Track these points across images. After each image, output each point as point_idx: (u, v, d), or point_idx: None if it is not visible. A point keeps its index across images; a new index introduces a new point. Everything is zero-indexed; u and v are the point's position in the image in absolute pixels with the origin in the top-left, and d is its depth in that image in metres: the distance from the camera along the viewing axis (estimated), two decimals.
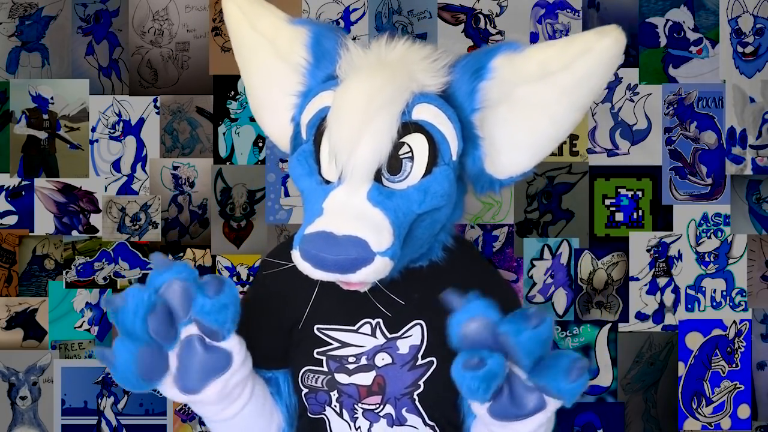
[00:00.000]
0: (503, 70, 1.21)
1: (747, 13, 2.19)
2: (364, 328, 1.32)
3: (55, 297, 2.20)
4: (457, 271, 1.33)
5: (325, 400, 1.34)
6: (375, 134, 1.16)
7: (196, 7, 2.22)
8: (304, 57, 1.30)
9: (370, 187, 1.17)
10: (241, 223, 2.21)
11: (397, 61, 1.23)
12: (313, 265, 1.14)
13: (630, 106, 2.19)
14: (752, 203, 2.20)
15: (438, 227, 1.27)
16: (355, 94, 1.17)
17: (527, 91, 1.21)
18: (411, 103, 1.19)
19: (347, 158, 1.16)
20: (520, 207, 2.19)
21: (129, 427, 2.20)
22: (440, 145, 1.21)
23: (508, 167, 1.27)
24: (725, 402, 2.20)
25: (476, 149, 1.25)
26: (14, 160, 2.21)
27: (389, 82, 1.18)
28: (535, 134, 1.25)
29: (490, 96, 1.23)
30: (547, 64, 1.20)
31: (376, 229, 1.14)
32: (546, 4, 2.18)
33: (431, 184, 1.20)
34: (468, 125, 1.24)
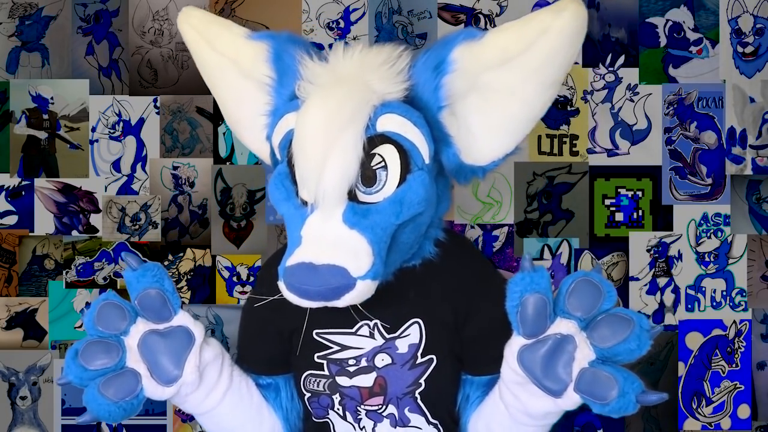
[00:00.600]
0: (464, 60, 1.20)
1: (747, 13, 2.19)
2: (362, 330, 1.32)
3: (55, 297, 2.20)
4: (452, 266, 1.33)
5: (327, 404, 1.34)
6: (340, 157, 1.14)
7: None
8: (267, 74, 1.29)
9: (345, 208, 1.17)
10: (241, 223, 2.21)
11: (353, 74, 1.21)
12: (298, 296, 1.15)
13: (630, 106, 2.19)
14: (752, 203, 2.20)
15: (423, 228, 1.27)
16: (314, 119, 1.15)
17: (492, 77, 1.20)
18: (374, 116, 1.18)
19: (316, 185, 1.15)
20: (520, 207, 2.19)
21: (129, 427, 2.20)
22: (410, 152, 1.20)
23: (488, 153, 1.26)
24: (725, 402, 2.20)
25: (449, 147, 1.24)
26: (14, 160, 2.21)
27: (348, 101, 1.16)
28: (509, 118, 1.23)
29: (455, 88, 1.21)
30: (507, 49, 1.18)
31: (354, 254, 1.14)
32: (546, 4, 2.18)
33: (406, 193, 1.19)
34: (436, 125, 1.23)
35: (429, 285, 1.31)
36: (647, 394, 1.10)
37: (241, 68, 1.33)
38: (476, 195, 2.18)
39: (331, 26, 2.19)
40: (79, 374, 1.19)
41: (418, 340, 1.31)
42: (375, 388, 1.31)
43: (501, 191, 2.18)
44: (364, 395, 1.31)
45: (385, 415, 1.32)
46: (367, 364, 1.31)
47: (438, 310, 1.30)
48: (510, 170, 2.18)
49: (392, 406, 1.32)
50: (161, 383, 1.22)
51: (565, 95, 2.19)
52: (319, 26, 2.19)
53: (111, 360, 1.20)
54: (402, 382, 1.31)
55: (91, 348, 1.20)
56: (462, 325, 1.32)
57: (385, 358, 1.31)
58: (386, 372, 1.31)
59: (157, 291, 1.22)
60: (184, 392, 1.26)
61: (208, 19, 1.37)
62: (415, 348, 1.31)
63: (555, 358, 1.12)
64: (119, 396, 1.18)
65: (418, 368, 1.31)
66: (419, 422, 1.32)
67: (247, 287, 2.19)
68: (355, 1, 2.19)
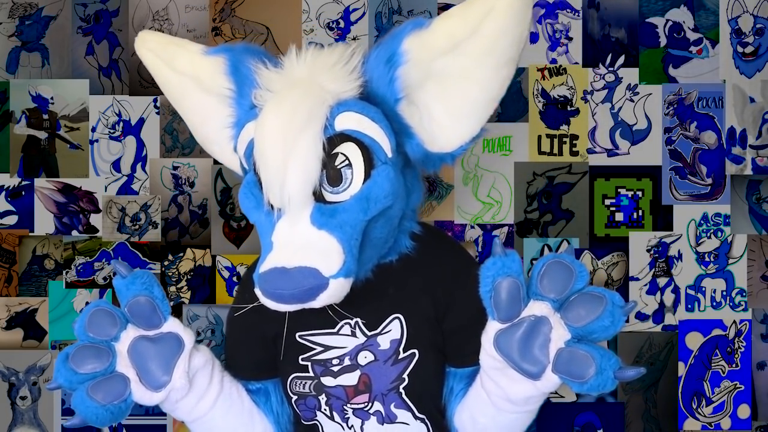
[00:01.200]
0: (415, 50, 1.20)
1: (747, 13, 2.19)
2: (344, 329, 1.32)
3: (55, 297, 2.20)
4: (428, 260, 1.33)
5: (314, 405, 1.34)
6: (300, 160, 1.16)
7: (196, 7, 2.22)
8: (227, 86, 1.31)
9: (312, 210, 1.18)
10: (241, 223, 2.21)
11: (306, 77, 1.22)
12: (274, 300, 1.16)
13: (630, 106, 2.19)
14: (752, 203, 2.20)
15: (395, 222, 1.27)
16: (271, 126, 1.17)
17: (445, 63, 1.20)
18: (331, 116, 1.19)
19: (280, 190, 1.16)
20: (520, 207, 2.19)
21: (129, 427, 2.20)
22: (372, 147, 1.20)
23: (454, 139, 1.26)
24: (725, 402, 2.20)
25: (411, 138, 1.25)
26: (14, 160, 2.21)
27: (302, 104, 1.17)
28: (469, 101, 1.23)
29: (410, 79, 1.22)
30: (454, 35, 1.18)
31: (324, 254, 1.15)
32: (546, 4, 2.18)
33: (371, 189, 1.19)
34: (395, 117, 1.23)
35: (407, 279, 1.32)
36: (624, 369, 1.11)
37: (202, 84, 1.35)
38: (476, 195, 2.18)
39: (331, 26, 2.19)
40: (69, 378, 1.21)
41: (400, 336, 1.31)
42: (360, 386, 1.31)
43: (501, 191, 2.18)
44: (350, 394, 1.32)
45: (372, 413, 1.32)
46: (351, 363, 1.31)
47: (418, 304, 1.31)
48: (510, 170, 2.18)
49: (378, 402, 1.32)
50: (150, 388, 1.23)
51: (565, 95, 2.19)
52: (319, 26, 2.19)
53: (101, 365, 1.22)
54: (386, 378, 1.31)
55: (82, 352, 1.22)
56: (442, 317, 1.33)
57: (368, 356, 1.31)
58: (370, 369, 1.31)
59: (147, 298, 1.24)
60: (174, 398, 1.27)
61: (165, 41, 1.40)
62: (396, 343, 1.31)
63: (531, 340, 1.12)
64: (107, 399, 1.20)
65: (401, 363, 1.31)
66: (406, 417, 1.33)
67: None
68: (355, 1, 2.19)
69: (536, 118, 2.18)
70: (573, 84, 2.18)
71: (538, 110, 2.18)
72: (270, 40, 2.19)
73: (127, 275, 1.25)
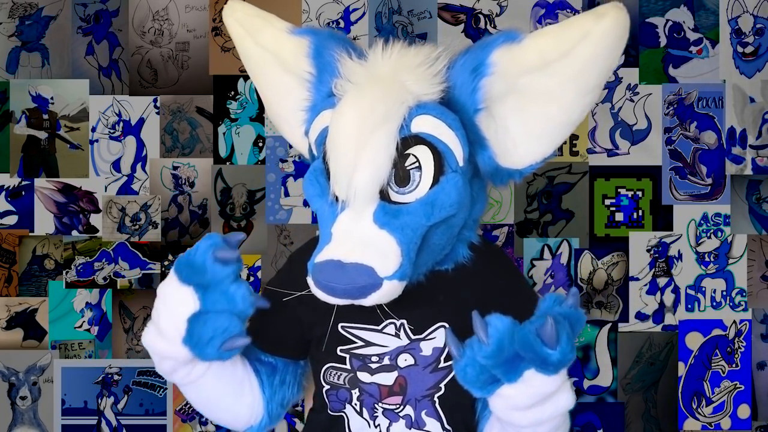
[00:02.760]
0: (503, 63, 1.19)
1: (747, 13, 2.19)
2: (388, 328, 1.31)
3: (55, 297, 2.20)
4: (484, 274, 1.33)
5: (345, 398, 1.34)
6: (371, 157, 1.15)
7: (196, 7, 2.22)
8: (307, 70, 1.30)
9: (376, 207, 1.17)
10: (241, 223, 2.21)
11: (389, 74, 1.21)
12: (325, 293, 1.16)
13: (630, 106, 2.19)
14: (752, 203, 2.20)
15: (456, 230, 1.26)
16: (348, 118, 1.16)
17: (530, 80, 1.19)
18: (408, 117, 1.18)
19: (347, 184, 1.16)
20: (520, 207, 2.19)
21: (129, 427, 2.20)
22: (444, 154, 1.20)
23: (526, 157, 1.25)
24: (725, 402, 2.20)
25: (484, 150, 1.24)
26: (14, 160, 2.21)
27: (382, 101, 1.17)
28: (547, 122, 1.22)
29: (493, 91, 1.21)
30: (546, 54, 1.17)
31: (382, 254, 1.15)
32: (546, 4, 2.18)
33: (438, 195, 1.19)
34: (472, 128, 1.23)
35: (459, 290, 1.31)
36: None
37: (283, 63, 1.34)
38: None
39: (331, 26, 2.19)
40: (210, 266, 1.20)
41: (443, 345, 1.30)
42: (395, 387, 1.31)
43: (501, 191, 2.18)
44: (384, 393, 1.31)
45: (402, 416, 1.32)
46: (390, 363, 1.31)
47: (466, 317, 1.30)
48: None
49: (410, 407, 1.31)
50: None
51: None
52: (319, 26, 2.19)
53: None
54: (422, 385, 1.31)
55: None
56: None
57: (408, 359, 1.31)
58: (407, 372, 1.30)
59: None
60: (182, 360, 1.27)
61: (252, 13, 1.37)
62: (438, 352, 1.31)
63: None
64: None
65: (440, 372, 1.31)
66: (434, 427, 1.32)
67: None
68: (355, 1, 2.19)
69: None
70: None
71: None
72: None
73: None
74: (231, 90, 2.20)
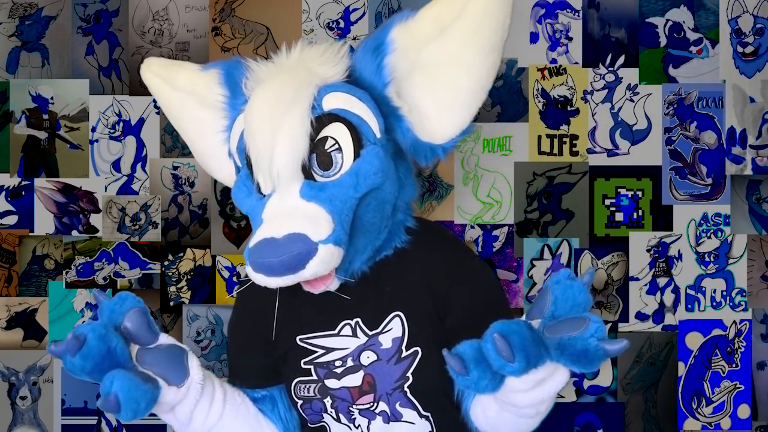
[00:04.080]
0: (402, 39, 1.23)
1: (747, 13, 2.19)
2: (344, 330, 1.32)
3: (55, 297, 2.20)
4: (424, 254, 1.33)
5: (320, 408, 1.34)
6: (287, 136, 1.18)
7: (196, 7, 2.22)
8: (221, 93, 1.36)
9: (301, 185, 1.20)
10: (241, 223, 2.21)
11: (294, 63, 1.26)
12: (264, 273, 1.16)
13: (630, 106, 2.19)
14: (752, 203, 2.20)
15: (388, 207, 1.27)
16: (259, 105, 1.20)
17: (432, 51, 1.22)
18: (318, 96, 1.21)
19: (268, 167, 1.18)
20: (520, 207, 2.19)
21: (129, 427, 2.20)
22: (360, 127, 1.22)
23: (443, 130, 1.27)
24: (725, 402, 2.20)
25: (400, 121, 1.26)
26: (14, 160, 2.21)
27: (289, 84, 1.20)
28: (456, 90, 1.25)
29: (398, 69, 1.24)
30: (440, 19, 1.21)
31: (312, 220, 1.17)
32: (546, 4, 2.18)
33: (361, 165, 1.21)
34: (383, 100, 1.25)
35: (405, 276, 1.32)
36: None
37: (199, 97, 1.40)
38: (476, 195, 2.18)
39: (331, 26, 2.19)
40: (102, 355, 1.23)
41: (401, 334, 1.31)
42: (364, 386, 1.31)
43: (501, 191, 2.18)
44: (355, 395, 1.31)
45: (378, 413, 1.32)
46: (354, 364, 1.31)
47: (417, 301, 1.31)
48: (510, 170, 2.18)
49: (383, 402, 1.32)
50: (173, 383, 1.23)
51: (565, 95, 2.19)
52: (319, 26, 2.19)
53: (128, 361, 1.23)
54: (390, 378, 1.31)
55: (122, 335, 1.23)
56: (443, 314, 1.32)
57: (371, 356, 1.31)
58: (373, 369, 1.31)
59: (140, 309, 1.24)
60: (194, 397, 1.27)
61: (167, 63, 1.48)
62: (398, 342, 1.31)
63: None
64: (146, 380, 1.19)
65: (404, 362, 1.31)
66: (411, 416, 1.32)
67: None
68: (355, 1, 2.19)
69: (536, 118, 2.18)
70: (573, 84, 2.18)
71: (538, 110, 2.18)
72: (270, 40, 2.19)
73: (113, 297, 1.26)
74: None
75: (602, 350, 1.07)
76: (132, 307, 1.24)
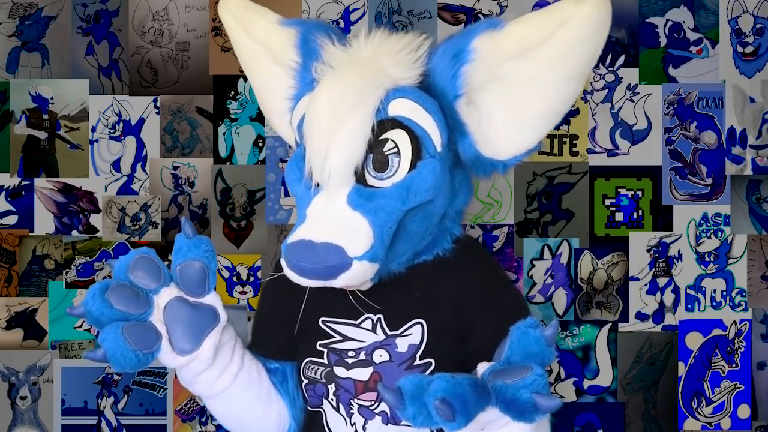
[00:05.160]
0: (484, 50, 1.19)
1: (747, 13, 2.19)
2: (365, 323, 1.31)
3: (55, 297, 2.20)
4: (462, 269, 1.32)
5: (322, 393, 1.34)
6: (345, 138, 1.15)
7: (196, 7, 2.22)
8: (294, 59, 1.31)
9: (350, 190, 1.18)
10: (241, 223, 2.21)
11: (368, 58, 1.22)
12: (296, 273, 1.16)
13: (630, 106, 2.19)
14: (752, 203, 2.20)
15: (435, 218, 1.26)
16: (323, 99, 1.17)
17: (512, 68, 1.19)
18: (386, 100, 1.18)
19: (321, 166, 1.17)
20: (520, 207, 2.19)
21: (129, 427, 2.20)
22: (422, 138, 1.20)
23: (510, 147, 1.25)
24: (725, 402, 2.20)
25: (464, 136, 1.24)
26: (14, 160, 2.21)
27: (358, 82, 1.17)
28: (531, 110, 1.22)
29: (474, 78, 1.21)
30: (527, 39, 1.17)
31: (352, 234, 1.15)
32: (546, 4, 2.18)
33: (414, 179, 1.19)
34: (452, 113, 1.22)
35: (437, 287, 1.31)
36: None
37: (273, 54, 1.35)
38: (476, 195, 2.18)
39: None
40: (100, 309, 1.18)
41: (419, 342, 1.30)
42: (370, 383, 1.30)
43: (501, 191, 2.18)
44: (359, 389, 1.31)
45: (377, 412, 1.31)
46: (365, 358, 1.30)
47: (442, 315, 1.30)
48: (510, 170, 2.18)
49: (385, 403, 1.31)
50: (175, 350, 1.23)
51: None
52: None
53: (137, 309, 1.19)
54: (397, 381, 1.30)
55: (122, 290, 1.19)
56: (465, 336, 1.31)
57: (384, 355, 1.30)
58: (383, 368, 1.30)
59: (202, 265, 1.24)
60: (197, 369, 1.27)
61: (246, 6, 1.40)
62: (414, 349, 1.30)
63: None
64: (139, 345, 1.18)
65: (415, 370, 1.30)
66: None
67: (247, 287, 2.19)
68: (355, 1, 2.19)
69: None
70: None
71: None
72: None
73: (192, 237, 1.25)
74: (231, 90, 2.20)
75: (532, 403, 1.06)
76: (194, 258, 1.23)
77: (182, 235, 1.26)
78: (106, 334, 1.17)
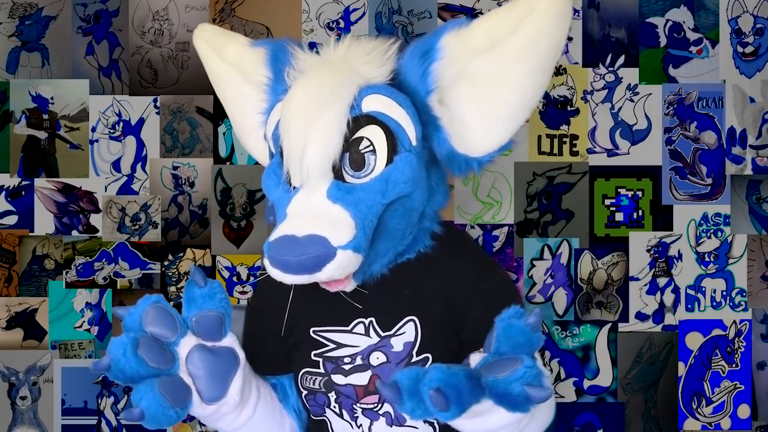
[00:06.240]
0: (452, 47, 1.21)
1: (747, 13, 2.19)
2: (357, 328, 1.31)
3: (55, 297, 2.20)
4: (447, 262, 1.32)
5: (324, 402, 1.34)
6: (322, 134, 1.17)
7: (196, 7, 2.22)
8: (264, 75, 1.34)
9: (329, 185, 1.19)
10: (241, 223, 2.21)
11: (339, 58, 1.25)
12: (281, 269, 1.16)
13: (630, 106, 2.19)
14: (752, 203, 2.20)
15: (415, 215, 1.27)
16: (298, 99, 1.19)
17: (481, 63, 1.21)
18: (359, 97, 1.20)
19: (299, 163, 1.18)
20: (520, 207, 2.19)
21: (129, 427, 2.20)
22: (397, 133, 1.21)
23: (482, 144, 1.26)
24: (725, 402, 2.20)
25: (438, 131, 1.25)
26: (14, 160, 2.21)
27: (330, 81, 1.19)
28: (501, 105, 1.24)
29: (444, 76, 1.23)
30: (493, 33, 1.19)
31: (334, 224, 1.16)
32: None
33: (392, 172, 1.20)
34: (424, 108, 1.24)
35: (424, 282, 1.31)
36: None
37: (244, 73, 1.38)
38: (476, 195, 2.18)
39: (331, 26, 2.19)
40: (135, 367, 1.15)
41: (414, 339, 1.30)
42: (370, 386, 1.30)
43: (501, 191, 2.18)
44: (360, 393, 1.31)
45: (381, 414, 1.32)
46: (362, 363, 1.31)
47: (433, 309, 1.30)
48: (510, 170, 2.18)
49: (388, 404, 1.31)
50: (204, 400, 1.22)
51: (565, 95, 2.19)
52: (319, 26, 2.19)
53: (167, 364, 1.18)
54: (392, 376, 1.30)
55: (151, 345, 1.17)
56: (459, 325, 1.32)
57: (380, 357, 1.31)
58: (381, 370, 1.30)
59: (220, 315, 1.22)
60: (223, 412, 1.27)
61: (218, 32, 1.46)
62: (410, 346, 1.30)
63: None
64: (175, 402, 1.16)
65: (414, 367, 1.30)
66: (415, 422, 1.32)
67: (247, 287, 2.19)
68: (355, 1, 2.19)
69: (536, 118, 2.18)
70: (573, 84, 2.18)
71: (538, 110, 2.18)
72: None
73: (204, 286, 1.23)
74: None
75: (525, 396, 1.06)
76: (210, 309, 1.22)
77: (193, 283, 1.24)
78: (142, 393, 1.14)
